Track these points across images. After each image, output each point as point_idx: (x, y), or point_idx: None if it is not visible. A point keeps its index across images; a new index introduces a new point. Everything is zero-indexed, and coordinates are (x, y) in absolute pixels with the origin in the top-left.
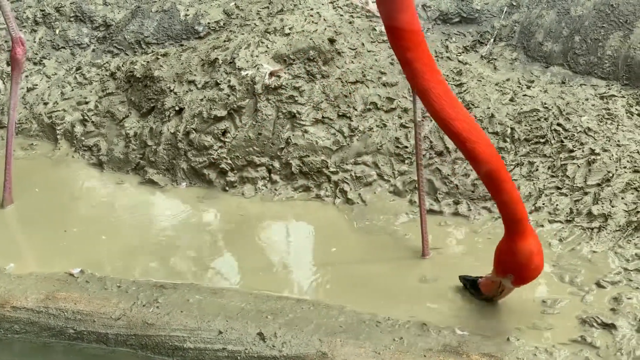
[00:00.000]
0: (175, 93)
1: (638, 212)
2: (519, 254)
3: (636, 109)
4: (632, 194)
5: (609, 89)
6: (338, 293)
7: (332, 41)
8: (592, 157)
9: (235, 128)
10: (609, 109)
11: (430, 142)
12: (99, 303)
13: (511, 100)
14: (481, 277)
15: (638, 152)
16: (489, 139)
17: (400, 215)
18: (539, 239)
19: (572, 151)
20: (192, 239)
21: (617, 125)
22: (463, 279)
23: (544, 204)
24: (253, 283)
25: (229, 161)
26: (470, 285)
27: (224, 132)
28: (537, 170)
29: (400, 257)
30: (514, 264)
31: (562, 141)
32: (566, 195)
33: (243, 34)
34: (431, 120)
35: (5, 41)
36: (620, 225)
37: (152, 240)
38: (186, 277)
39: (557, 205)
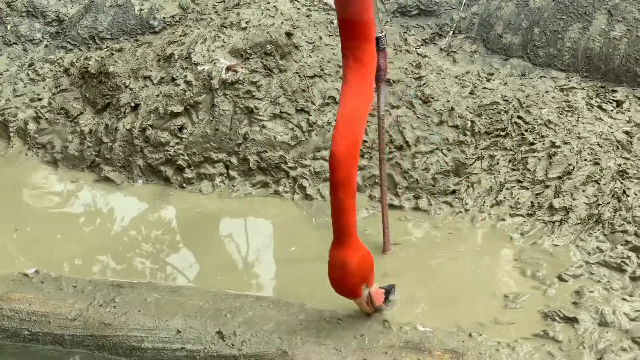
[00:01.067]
0: (131, 89)
1: (599, 204)
2: (328, 259)
3: (596, 101)
4: (593, 186)
5: (569, 81)
6: (298, 290)
7: (289, 35)
8: (553, 149)
9: (192, 124)
10: (569, 101)
11: (390, 136)
12: (55, 304)
13: (471, 93)
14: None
15: (598, 144)
16: (357, 143)
17: (359, 211)
18: (353, 259)
19: (532, 144)
20: (149, 237)
21: (578, 117)
22: None
23: (505, 197)
24: (211, 281)
25: (186, 157)
26: None
27: (181, 128)
28: (497, 163)
29: None
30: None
31: (522, 134)
32: (527, 189)
33: (199, 28)
34: (390, 114)
35: None
36: (581, 219)
37: (108, 239)
38: (144, 275)
39: (518, 198)
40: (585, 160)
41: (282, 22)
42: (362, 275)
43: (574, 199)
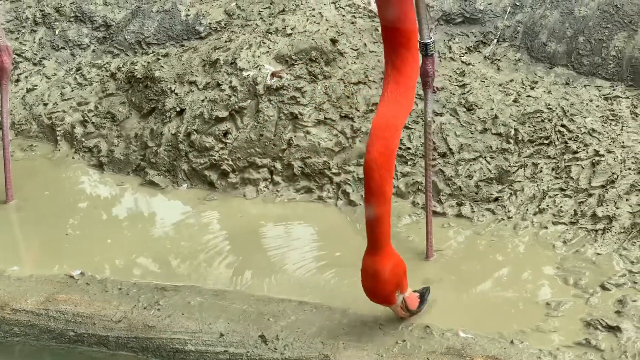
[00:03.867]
0: (176, 94)
1: None
2: (362, 268)
3: None
4: (637, 195)
5: (614, 90)
6: (340, 295)
7: (334, 41)
8: (597, 158)
9: (237, 129)
10: (613, 110)
11: (433, 143)
12: (100, 305)
13: (515, 101)
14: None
15: None
16: (392, 152)
17: (402, 217)
18: (384, 267)
19: (576, 152)
20: (193, 241)
21: (622, 126)
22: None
23: (547, 205)
24: (255, 285)
25: (231, 162)
26: None
27: (226, 133)
28: (540, 171)
29: (403, 259)
30: None
31: (566, 142)
32: (570, 197)
33: (244, 34)
34: (434, 122)
35: None
36: (624, 227)
37: (153, 242)
38: (187, 279)
39: (561, 207)
40: (630, 169)
41: (327, 29)
42: (395, 282)
43: (617, 208)
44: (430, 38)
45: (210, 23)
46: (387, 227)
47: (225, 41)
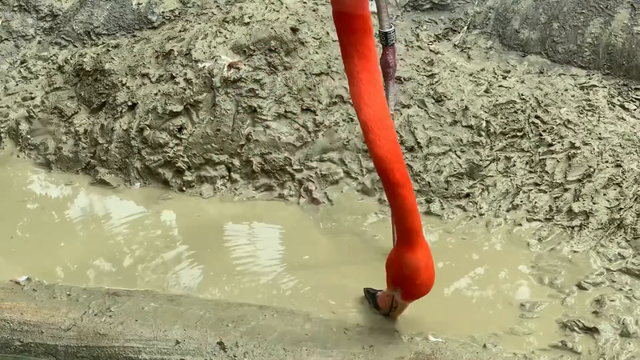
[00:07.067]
0: (128, 87)
1: (621, 209)
2: (405, 266)
3: (618, 100)
4: (615, 189)
5: (590, 79)
6: (303, 299)
7: (294, 30)
8: (572, 151)
9: (192, 124)
10: (589, 100)
11: (401, 136)
12: (47, 313)
13: (486, 91)
14: (381, 291)
15: (620, 145)
16: (396, 138)
17: (369, 215)
18: (430, 254)
19: (551, 145)
20: (147, 243)
21: (599, 117)
22: (367, 291)
23: (522, 201)
24: (212, 289)
25: (186, 159)
26: (371, 299)
27: (180, 129)
28: (514, 165)
29: (370, 260)
30: (401, 277)
31: (540, 134)
32: (545, 192)
33: (200, 23)
34: (401, 114)
35: None
36: (602, 223)
37: (103, 245)
38: (141, 283)
39: (535, 202)
40: (607, 162)
41: (287, 17)
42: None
43: (594, 203)
44: (390, 27)
45: (163, 12)
46: (419, 215)
47: (180, 31)
